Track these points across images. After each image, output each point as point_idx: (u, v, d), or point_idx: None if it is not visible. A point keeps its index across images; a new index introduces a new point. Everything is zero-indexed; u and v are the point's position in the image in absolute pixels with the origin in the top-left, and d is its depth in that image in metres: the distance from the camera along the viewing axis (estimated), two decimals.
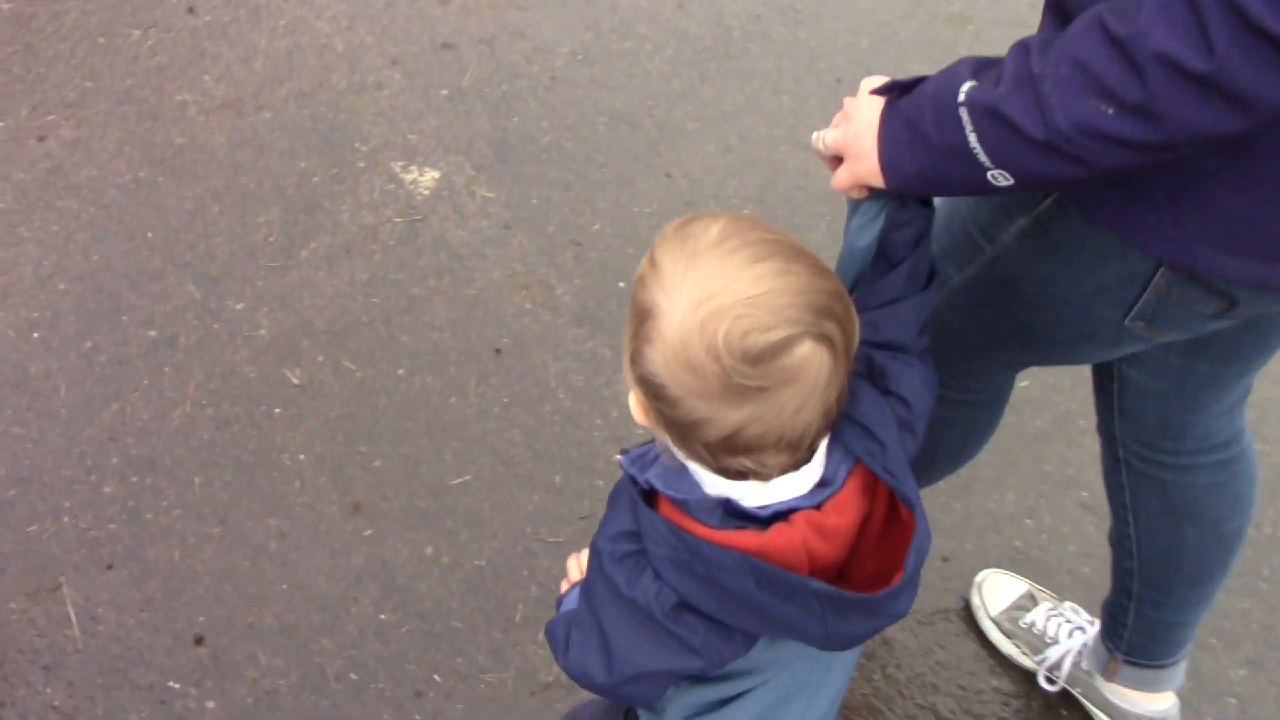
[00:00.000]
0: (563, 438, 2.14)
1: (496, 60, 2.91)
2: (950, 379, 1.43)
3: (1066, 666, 1.81)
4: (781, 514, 0.95)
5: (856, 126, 1.09)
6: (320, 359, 2.25)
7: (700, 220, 0.92)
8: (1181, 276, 1.11)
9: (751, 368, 0.86)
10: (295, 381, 2.21)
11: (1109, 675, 1.73)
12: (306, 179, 2.58)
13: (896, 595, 0.94)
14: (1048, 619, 1.85)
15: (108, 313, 2.31)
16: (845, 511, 0.96)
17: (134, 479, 2.06)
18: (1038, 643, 1.85)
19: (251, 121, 2.71)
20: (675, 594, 0.96)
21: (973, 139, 0.97)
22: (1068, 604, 1.89)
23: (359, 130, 2.70)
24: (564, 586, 1.30)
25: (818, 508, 0.95)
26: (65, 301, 2.33)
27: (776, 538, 0.93)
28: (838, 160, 1.13)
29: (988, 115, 0.96)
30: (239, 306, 2.33)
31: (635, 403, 0.96)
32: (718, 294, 0.86)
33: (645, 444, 1.04)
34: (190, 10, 2.98)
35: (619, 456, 1.02)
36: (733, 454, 0.91)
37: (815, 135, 1.16)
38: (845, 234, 1.14)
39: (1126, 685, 1.73)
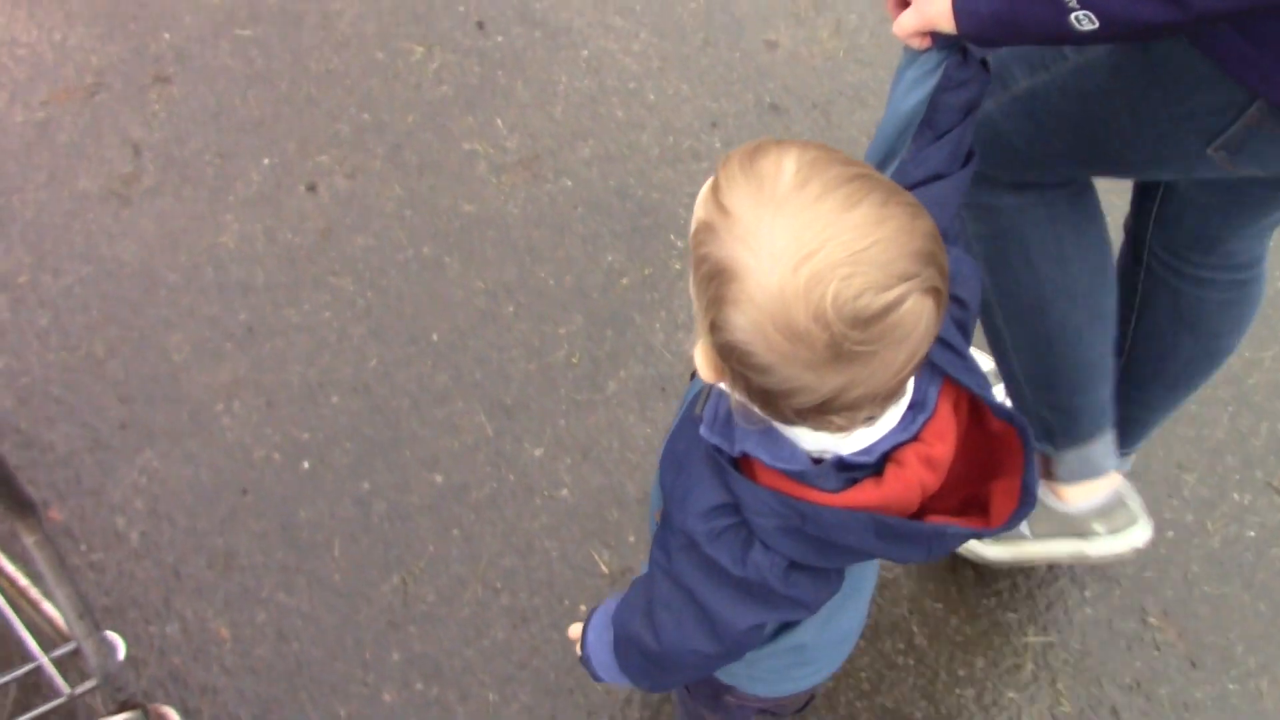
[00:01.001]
0: (912, 695, 1.75)
1: (831, 133, 2.43)
2: (996, 192, 1.39)
3: None
4: (886, 453, 0.89)
5: None
6: (632, 539, 1.88)
7: (765, 155, 0.80)
8: (1276, 112, 1.07)
9: (862, 331, 0.77)
10: (604, 569, 1.85)
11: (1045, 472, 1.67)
12: (614, 280, 2.17)
13: (1019, 520, 0.91)
14: None
15: (386, 444, 1.95)
16: (946, 438, 0.90)
17: (418, 686, 1.73)
18: None
19: (549, 190, 2.29)
20: (785, 559, 0.92)
21: None
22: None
23: (674, 217, 2.27)
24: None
25: (916, 438, 0.89)
26: (339, 421, 1.97)
27: (895, 484, 0.88)
28: (903, 4, 1.04)
29: None
30: (538, 453, 1.96)
31: (705, 362, 0.86)
32: (818, 250, 0.76)
33: (711, 398, 0.94)
34: (480, 26, 2.54)
35: (700, 430, 0.92)
36: (824, 414, 0.83)
37: None
38: (892, 91, 1.06)
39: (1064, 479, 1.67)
